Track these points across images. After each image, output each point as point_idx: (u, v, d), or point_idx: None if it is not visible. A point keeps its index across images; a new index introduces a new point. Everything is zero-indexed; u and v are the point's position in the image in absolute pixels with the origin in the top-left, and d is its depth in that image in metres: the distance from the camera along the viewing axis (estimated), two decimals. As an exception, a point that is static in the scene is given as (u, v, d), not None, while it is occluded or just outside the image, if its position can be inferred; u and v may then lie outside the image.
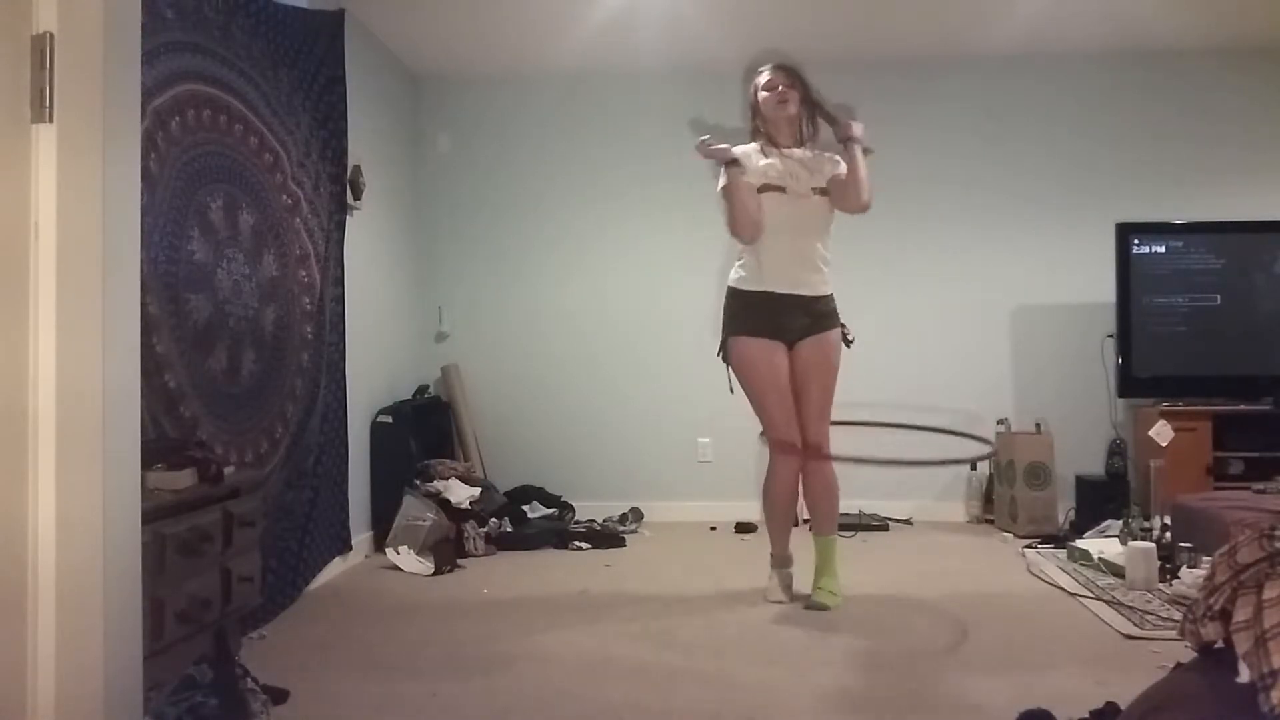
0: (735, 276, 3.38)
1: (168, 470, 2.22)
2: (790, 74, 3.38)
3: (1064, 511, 4.61)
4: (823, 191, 3.33)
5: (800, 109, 3.38)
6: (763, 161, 3.33)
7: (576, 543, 4.40)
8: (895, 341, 5.04)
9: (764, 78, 3.39)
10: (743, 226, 3.28)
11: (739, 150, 3.33)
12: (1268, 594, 1.33)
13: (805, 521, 3.64)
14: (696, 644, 2.86)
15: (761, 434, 3.37)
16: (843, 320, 3.41)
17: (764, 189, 3.29)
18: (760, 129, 3.41)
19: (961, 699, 2.35)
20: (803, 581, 3.37)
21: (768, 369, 3.30)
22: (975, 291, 5.05)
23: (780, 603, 3.33)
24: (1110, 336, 4.77)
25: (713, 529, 4.80)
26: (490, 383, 5.20)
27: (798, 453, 3.31)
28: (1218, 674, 1.37)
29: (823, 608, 3.21)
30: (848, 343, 3.40)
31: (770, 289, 3.29)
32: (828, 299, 3.37)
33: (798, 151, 3.37)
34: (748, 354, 3.31)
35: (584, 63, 5.00)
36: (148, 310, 2.45)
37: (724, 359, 3.39)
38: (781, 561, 3.45)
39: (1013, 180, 5.05)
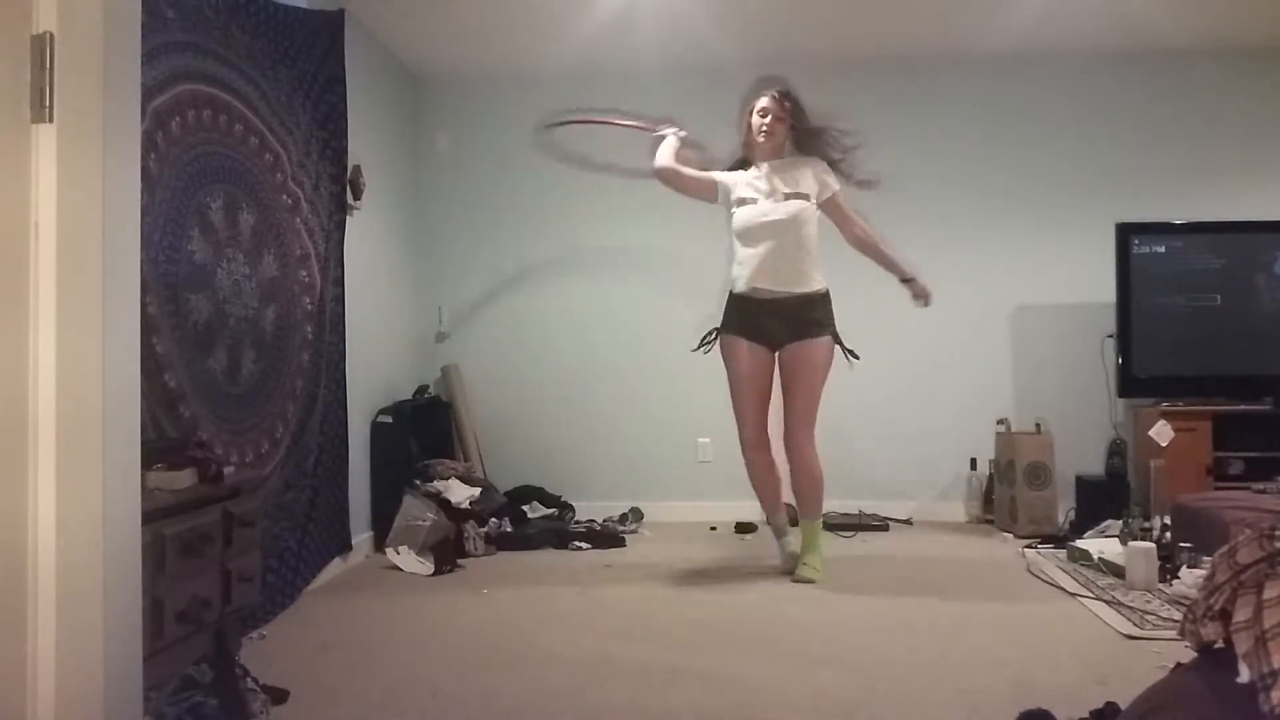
0: (730, 278, 3.71)
1: (168, 470, 2.22)
2: (784, 105, 3.63)
3: (1064, 511, 4.61)
4: (798, 196, 3.58)
5: (784, 137, 3.66)
6: (741, 177, 3.67)
7: (576, 543, 4.40)
8: (895, 341, 5.04)
9: (760, 102, 3.66)
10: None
11: (723, 176, 3.73)
12: (1268, 594, 1.33)
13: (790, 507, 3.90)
14: (696, 644, 2.86)
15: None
16: (842, 336, 3.69)
17: (740, 203, 3.64)
18: (743, 147, 3.74)
19: (961, 699, 2.35)
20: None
21: (746, 367, 3.64)
22: (975, 291, 5.04)
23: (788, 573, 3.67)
24: (1110, 336, 4.77)
25: (713, 529, 4.80)
26: (490, 383, 5.20)
27: (759, 450, 3.72)
28: (1218, 674, 1.37)
29: (806, 581, 3.55)
30: (849, 355, 3.67)
31: (751, 292, 3.59)
32: (812, 299, 3.60)
33: (775, 163, 3.67)
34: (729, 351, 3.69)
35: (584, 63, 5.00)
36: (148, 310, 2.45)
37: (703, 349, 3.74)
38: (777, 531, 3.85)
39: (1012, 180, 5.05)
